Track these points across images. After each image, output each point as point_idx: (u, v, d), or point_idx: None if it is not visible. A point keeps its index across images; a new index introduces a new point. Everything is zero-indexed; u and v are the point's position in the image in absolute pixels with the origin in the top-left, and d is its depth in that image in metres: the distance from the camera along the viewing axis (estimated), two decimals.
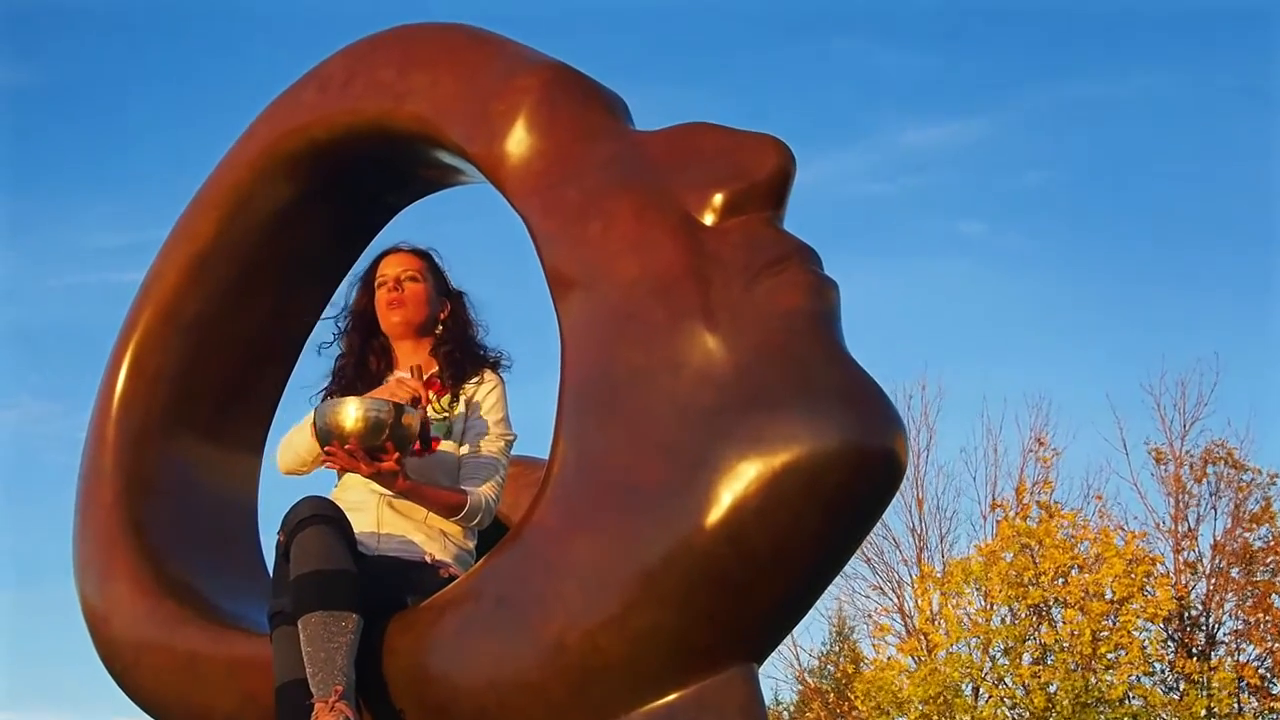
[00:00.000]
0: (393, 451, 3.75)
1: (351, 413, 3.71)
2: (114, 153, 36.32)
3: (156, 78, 36.89)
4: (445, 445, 4.05)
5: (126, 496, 4.56)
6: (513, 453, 4.28)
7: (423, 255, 4.31)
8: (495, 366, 4.21)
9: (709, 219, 3.49)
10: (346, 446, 3.71)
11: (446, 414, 4.05)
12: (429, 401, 4.03)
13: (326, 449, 3.77)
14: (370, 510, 3.96)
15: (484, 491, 4.01)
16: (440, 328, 4.20)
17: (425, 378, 4.11)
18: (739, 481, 3.18)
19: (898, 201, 36.89)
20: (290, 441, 4.09)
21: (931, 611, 21.90)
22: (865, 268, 32.18)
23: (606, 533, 3.35)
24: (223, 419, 4.83)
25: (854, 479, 3.22)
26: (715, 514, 3.18)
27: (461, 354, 4.15)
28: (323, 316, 4.63)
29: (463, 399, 4.08)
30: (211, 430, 4.83)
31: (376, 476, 3.81)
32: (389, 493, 3.93)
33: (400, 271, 4.19)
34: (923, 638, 22.06)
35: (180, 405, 4.77)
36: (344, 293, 4.43)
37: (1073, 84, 35.67)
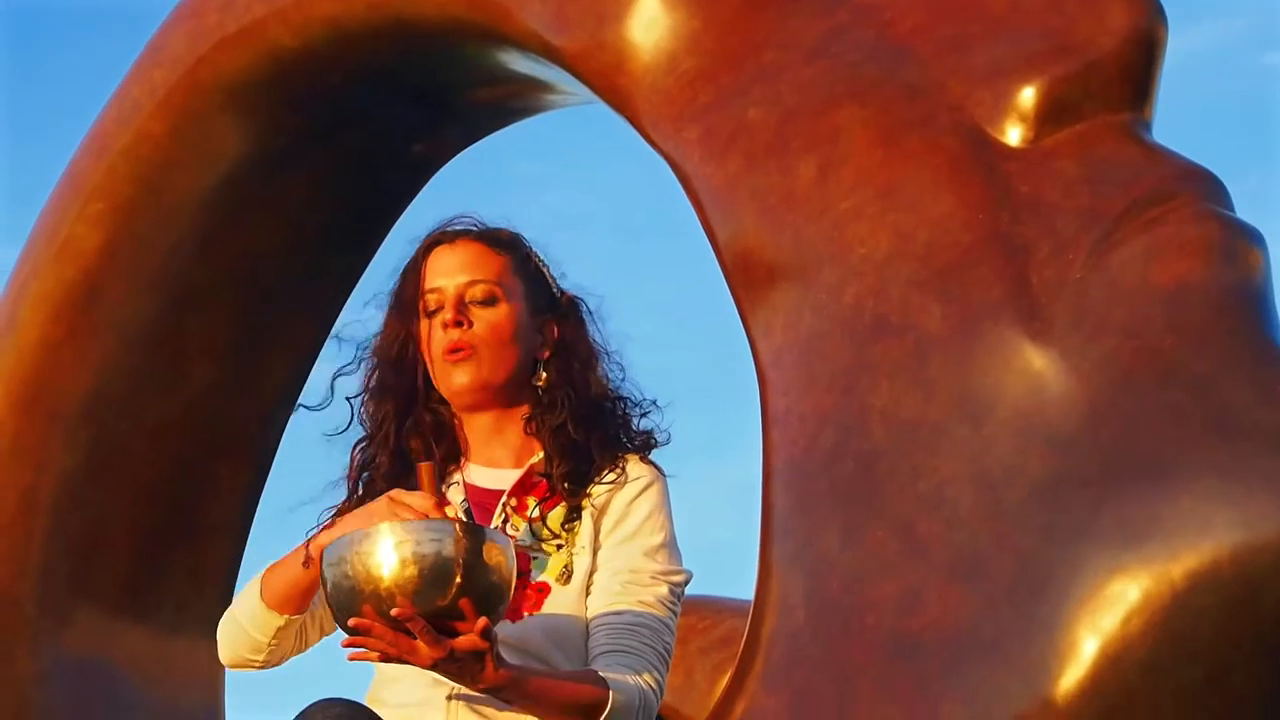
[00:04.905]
0: (473, 616, 3.38)
1: (388, 550, 3.36)
2: None
3: None
4: (559, 595, 3.72)
5: None
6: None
7: (506, 247, 3.81)
8: (646, 449, 3.80)
9: (1016, 134, 3.29)
10: (393, 612, 3.35)
11: (560, 539, 3.76)
12: (523, 510, 3.70)
13: (352, 622, 3.39)
14: (435, 716, 3.67)
15: (638, 679, 3.64)
16: (543, 374, 3.86)
17: (515, 487, 3.73)
18: (1107, 614, 2.97)
19: None
20: (232, 615, 3.71)
21: None
22: None
23: None
24: (152, 574, 4.63)
25: None
26: (1069, 679, 2.98)
27: (585, 430, 3.80)
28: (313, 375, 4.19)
29: (587, 511, 3.77)
30: (133, 596, 4.61)
31: (446, 665, 3.44)
32: (470, 689, 3.53)
33: (465, 283, 3.77)
34: None
35: (71, 557, 4.54)
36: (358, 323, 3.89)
37: None
